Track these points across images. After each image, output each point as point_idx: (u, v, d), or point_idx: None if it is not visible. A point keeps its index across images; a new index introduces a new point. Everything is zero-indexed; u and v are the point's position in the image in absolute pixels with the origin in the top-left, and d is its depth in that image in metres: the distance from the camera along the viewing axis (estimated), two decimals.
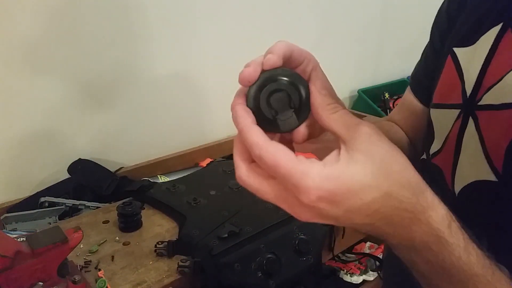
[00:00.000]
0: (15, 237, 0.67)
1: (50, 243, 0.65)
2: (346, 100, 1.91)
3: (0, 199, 1.05)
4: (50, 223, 0.97)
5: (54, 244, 0.65)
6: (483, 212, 0.46)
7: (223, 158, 1.37)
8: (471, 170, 0.48)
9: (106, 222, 0.96)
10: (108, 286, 0.76)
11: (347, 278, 1.34)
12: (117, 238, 0.90)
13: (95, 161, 1.16)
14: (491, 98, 0.46)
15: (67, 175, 1.12)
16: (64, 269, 0.69)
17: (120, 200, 1.04)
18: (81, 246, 0.87)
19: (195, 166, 1.33)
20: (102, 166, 1.16)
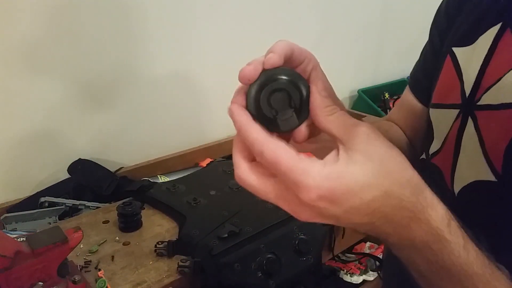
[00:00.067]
0: (15, 237, 0.67)
1: (50, 243, 0.65)
2: (346, 100, 1.90)
3: (0, 199, 1.05)
4: (50, 223, 0.97)
5: (54, 244, 0.65)
6: (482, 212, 0.46)
7: (223, 158, 1.37)
8: (471, 170, 0.48)
9: (106, 222, 0.96)
10: (108, 286, 0.76)
11: (347, 278, 1.34)
12: (117, 238, 0.90)
13: (95, 161, 1.16)
14: (490, 98, 0.46)
15: (67, 175, 1.12)
16: (64, 269, 0.69)
17: (120, 200, 1.04)
18: (81, 246, 0.87)
19: (195, 166, 1.33)
20: (102, 166, 1.16)
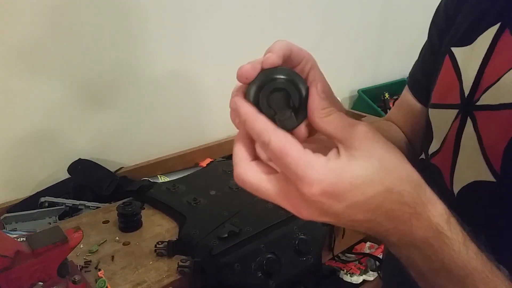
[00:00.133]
0: (15, 237, 0.67)
1: (50, 243, 0.65)
2: (346, 100, 1.90)
3: (0, 199, 1.05)
4: (50, 223, 0.97)
5: (54, 244, 0.65)
6: (482, 213, 0.46)
7: (223, 158, 1.38)
8: (470, 171, 0.48)
9: (106, 222, 0.96)
10: (108, 286, 0.76)
11: (347, 278, 1.34)
12: (117, 238, 0.90)
13: (95, 161, 1.16)
14: (489, 98, 0.46)
15: (67, 175, 1.12)
16: (64, 269, 0.69)
17: (120, 200, 1.04)
18: (81, 246, 0.87)
19: (195, 166, 1.33)
20: (102, 166, 1.16)
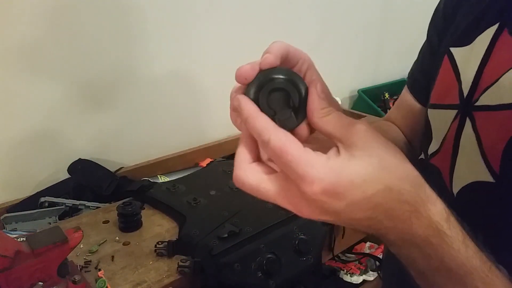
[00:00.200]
0: (15, 237, 0.67)
1: (50, 243, 0.65)
2: (346, 100, 1.91)
3: (0, 199, 1.06)
4: (50, 223, 0.97)
5: (54, 244, 0.65)
6: (481, 213, 0.46)
7: (223, 158, 1.38)
8: (469, 171, 0.48)
9: (106, 222, 0.96)
10: (108, 286, 0.76)
11: (347, 278, 1.34)
12: (117, 238, 0.90)
13: (95, 161, 1.16)
14: (487, 98, 0.46)
15: (67, 175, 1.12)
16: (64, 269, 0.69)
17: (120, 200, 1.04)
18: (81, 246, 0.87)
19: (195, 166, 1.33)
20: (102, 166, 1.16)
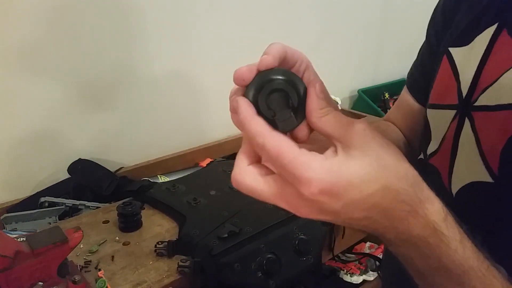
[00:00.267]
0: (15, 237, 0.67)
1: (50, 243, 0.65)
2: (346, 100, 1.91)
3: (0, 199, 1.06)
4: (50, 223, 0.97)
5: (54, 244, 0.65)
6: (480, 213, 0.46)
7: (223, 158, 1.38)
8: (468, 171, 0.48)
9: (106, 222, 0.96)
10: (108, 286, 0.76)
11: (347, 278, 1.34)
12: (117, 238, 0.90)
13: (95, 161, 1.16)
14: (486, 99, 0.46)
15: (67, 175, 1.12)
16: (64, 269, 0.69)
17: (120, 200, 1.04)
18: (81, 246, 0.87)
19: (195, 166, 1.33)
20: (102, 166, 1.16)
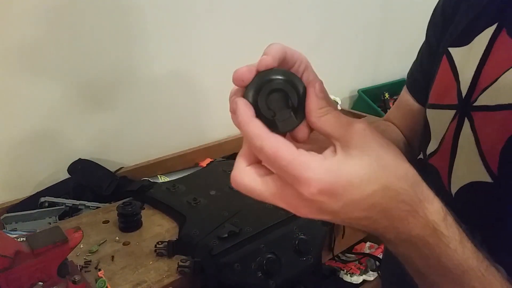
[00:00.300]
0: (15, 237, 0.67)
1: (50, 243, 0.65)
2: (346, 100, 1.91)
3: (0, 199, 1.06)
4: (50, 223, 0.97)
5: (54, 244, 0.65)
6: (479, 213, 0.46)
7: (223, 158, 1.38)
8: (467, 171, 0.48)
9: (106, 222, 0.96)
10: (108, 286, 0.76)
11: (347, 278, 1.34)
12: (117, 238, 0.90)
13: (95, 161, 1.16)
14: (486, 99, 0.46)
15: (67, 175, 1.12)
16: (64, 269, 0.69)
17: (120, 200, 1.04)
18: (81, 246, 0.87)
19: (195, 166, 1.33)
20: (102, 166, 1.16)
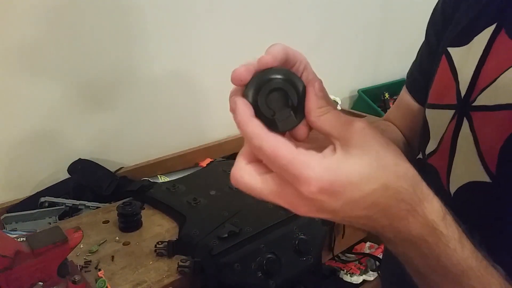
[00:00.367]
0: (15, 237, 0.67)
1: (50, 243, 0.65)
2: (346, 100, 1.91)
3: (0, 199, 1.06)
4: (50, 223, 0.97)
5: (54, 244, 0.65)
6: (478, 213, 0.46)
7: (223, 158, 1.38)
8: (466, 171, 0.48)
9: (106, 222, 0.96)
10: (108, 286, 0.76)
11: (347, 278, 1.34)
12: (117, 238, 0.90)
13: (95, 161, 1.16)
14: (485, 99, 0.46)
15: (67, 175, 1.12)
16: (64, 269, 0.69)
17: (120, 200, 1.04)
18: (81, 246, 0.87)
19: (195, 166, 1.33)
20: (102, 166, 1.16)
